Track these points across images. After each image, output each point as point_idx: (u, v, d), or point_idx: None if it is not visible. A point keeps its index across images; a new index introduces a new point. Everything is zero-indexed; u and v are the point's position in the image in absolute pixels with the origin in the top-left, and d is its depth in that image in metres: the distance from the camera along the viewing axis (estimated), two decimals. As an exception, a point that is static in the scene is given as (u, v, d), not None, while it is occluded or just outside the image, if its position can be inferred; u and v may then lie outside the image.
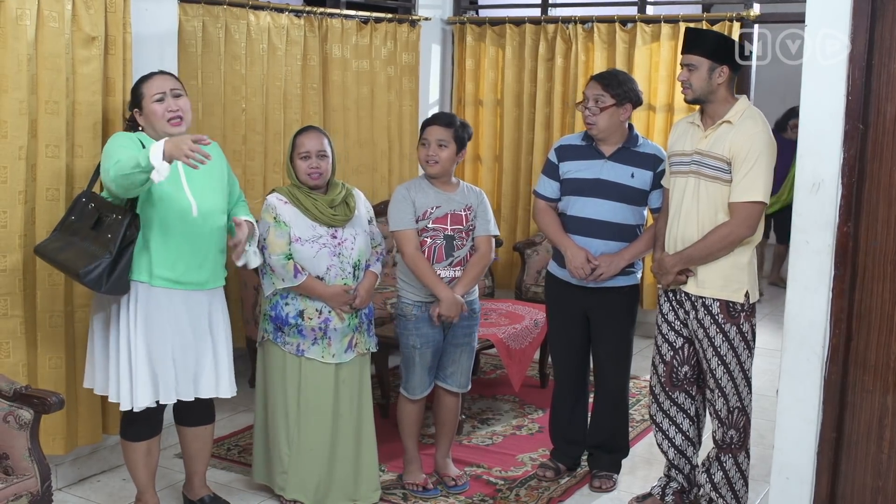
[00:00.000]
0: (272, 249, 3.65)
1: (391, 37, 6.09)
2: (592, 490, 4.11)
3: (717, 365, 3.54)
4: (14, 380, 3.25)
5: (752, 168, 3.37)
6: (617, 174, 3.88)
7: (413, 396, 3.99)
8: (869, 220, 2.99)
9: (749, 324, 3.53)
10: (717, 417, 3.60)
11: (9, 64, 3.50)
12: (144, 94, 3.44)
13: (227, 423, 4.75)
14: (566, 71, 6.32)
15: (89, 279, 3.23)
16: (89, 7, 3.74)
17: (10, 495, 2.99)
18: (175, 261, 3.40)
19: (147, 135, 3.46)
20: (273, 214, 3.69)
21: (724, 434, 3.60)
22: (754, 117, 3.45)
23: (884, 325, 3.00)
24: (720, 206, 3.45)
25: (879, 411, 3.04)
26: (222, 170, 3.62)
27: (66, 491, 3.99)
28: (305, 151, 3.70)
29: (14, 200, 3.57)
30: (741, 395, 3.56)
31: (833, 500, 3.15)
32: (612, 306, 3.99)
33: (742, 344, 3.52)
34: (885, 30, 2.90)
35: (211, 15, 4.88)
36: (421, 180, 3.93)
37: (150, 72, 3.53)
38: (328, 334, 3.72)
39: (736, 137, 3.40)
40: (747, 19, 5.73)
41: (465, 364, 4.04)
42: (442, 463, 4.16)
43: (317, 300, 3.69)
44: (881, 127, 2.94)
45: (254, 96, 5.15)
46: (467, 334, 3.99)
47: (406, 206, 3.85)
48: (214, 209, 3.50)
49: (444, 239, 3.86)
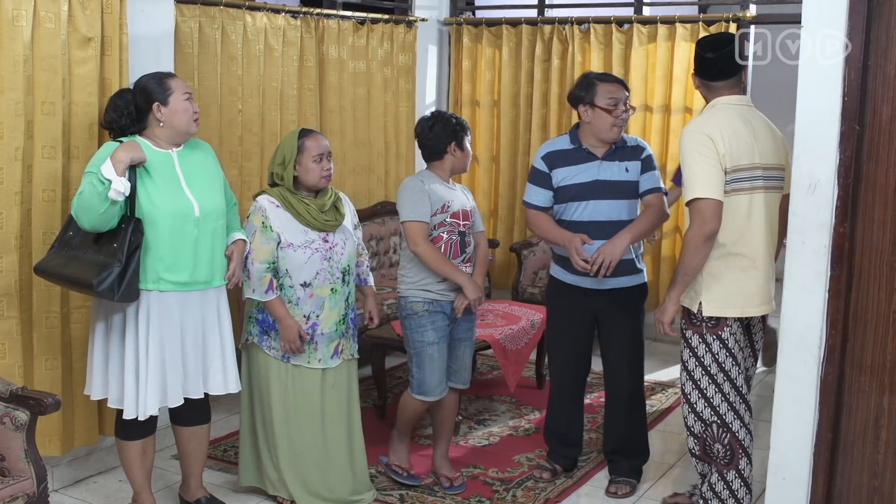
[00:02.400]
0: (255, 255, 3.60)
1: (388, 38, 6.09)
2: (608, 496, 4.06)
3: (682, 371, 3.54)
4: (10, 381, 3.25)
5: (684, 166, 3.36)
6: (612, 172, 3.88)
7: (430, 398, 3.93)
8: (865, 220, 2.99)
9: (715, 336, 3.43)
10: (690, 432, 3.57)
11: (5, 65, 3.50)
12: (175, 90, 3.42)
13: (223, 425, 4.75)
14: (563, 72, 6.31)
15: (103, 289, 3.22)
16: (85, 8, 3.73)
17: (6, 497, 2.99)
18: (182, 263, 3.40)
19: (146, 138, 3.43)
20: (262, 218, 3.63)
21: (704, 446, 3.53)
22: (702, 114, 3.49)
23: (880, 325, 3.01)
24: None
25: (876, 412, 3.04)
26: (217, 169, 3.62)
27: (63, 492, 3.98)
28: (319, 154, 3.67)
29: (10, 202, 3.57)
30: (716, 409, 3.47)
31: (829, 500, 3.15)
32: (623, 307, 3.97)
33: (708, 356, 3.45)
34: (882, 30, 2.90)
35: (207, 16, 4.88)
36: (431, 174, 3.92)
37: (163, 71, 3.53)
38: (315, 339, 3.71)
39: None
40: (743, 20, 5.73)
41: (467, 360, 4.07)
42: (440, 463, 4.16)
43: (304, 306, 3.68)
44: (877, 127, 2.94)
45: (250, 97, 5.15)
46: (469, 329, 4.03)
47: (423, 198, 3.82)
48: (214, 208, 3.49)
49: (458, 235, 3.88)
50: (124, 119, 3.46)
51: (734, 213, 3.34)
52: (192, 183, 3.44)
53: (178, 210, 3.38)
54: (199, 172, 3.48)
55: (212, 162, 3.60)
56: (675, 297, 3.45)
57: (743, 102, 3.48)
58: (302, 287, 3.65)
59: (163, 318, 3.40)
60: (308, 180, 3.68)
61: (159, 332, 3.39)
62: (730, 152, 3.32)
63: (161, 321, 3.40)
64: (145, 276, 3.36)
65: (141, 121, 3.45)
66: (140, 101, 3.43)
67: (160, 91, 3.40)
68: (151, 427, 3.57)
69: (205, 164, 3.55)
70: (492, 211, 6.72)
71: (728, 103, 3.44)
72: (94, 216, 3.23)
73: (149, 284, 3.37)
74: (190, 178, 3.44)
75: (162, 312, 3.39)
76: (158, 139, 3.44)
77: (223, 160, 4.99)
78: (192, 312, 3.46)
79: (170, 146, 3.46)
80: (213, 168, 3.59)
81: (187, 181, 3.43)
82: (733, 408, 3.48)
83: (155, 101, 3.40)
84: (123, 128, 3.46)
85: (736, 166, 3.33)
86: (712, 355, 3.45)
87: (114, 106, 3.48)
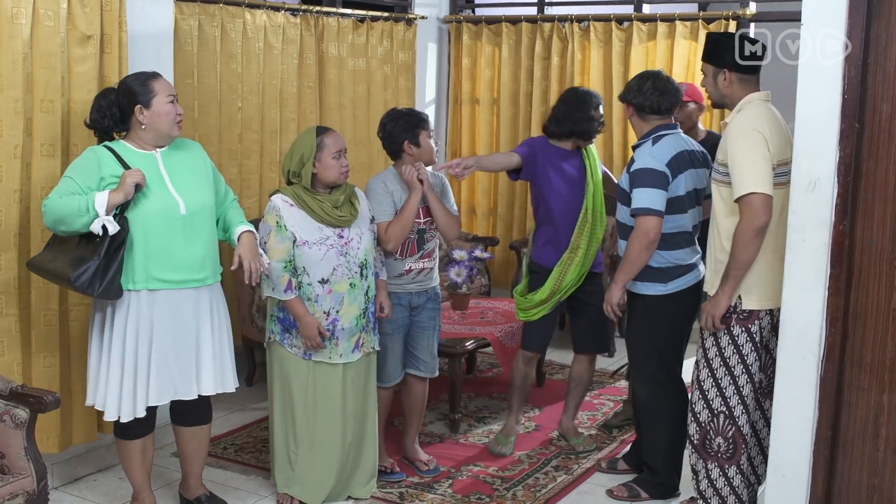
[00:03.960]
0: (271, 255, 3.62)
1: (387, 35, 6.09)
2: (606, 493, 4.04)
3: (701, 357, 3.51)
4: (10, 379, 3.25)
5: (734, 166, 3.31)
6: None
7: (387, 385, 4.06)
8: (865, 218, 2.99)
9: (744, 328, 3.42)
10: (694, 419, 3.55)
11: (4, 62, 3.49)
12: (158, 92, 3.38)
13: (223, 422, 4.74)
14: (562, 70, 6.31)
15: (80, 283, 3.21)
16: (85, 6, 3.73)
17: (6, 494, 2.99)
18: (170, 261, 3.38)
19: (129, 141, 3.41)
20: (276, 218, 3.65)
21: (704, 438, 3.52)
22: (744, 113, 3.40)
23: (880, 323, 3.00)
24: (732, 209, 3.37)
25: (875, 409, 3.04)
26: (206, 167, 3.58)
27: (63, 490, 3.98)
28: (338, 151, 3.70)
29: (9, 199, 3.57)
30: (727, 400, 3.47)
31: (829, 497, 3.15)
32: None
33: (731, 347, 3.43)
34: (881, 28, 2.90)
35: (207, 13, 4.88)
36: (393, 174, 4.01)
37: (148, 71, 3.49)
38: (336, 334, 3.72)
39: (724, 140, 3.39)
40: (743, 18, 5.73)
41: (432, 349, 4.14)
42: (411, 448, 4.26)
43: (323, 302, 3.69)
44: (877, 125, 2.94)
45: (250, 95, 5.14)
46: (432, 317, 4.12)
47: (387, 199, 3.93)
48: (203, 206, 3.47)
49: (416, 233, 3.96)
50: (107, 120, 3.42)
51: (774, 207, 3.33)
52: (178, 182, 3.42)
53: (162, 209, 3.36)
54: (184, 171, 3.45)
55: (199, 160, 3.57)
56: (728, 291, 3.38)
57: (770, 99, 3.47)
58: (320, 284, 3.67)
59: (154, 317, 3.38)
60: (327, 177, 3.70)
61: (149, 332, 3.37)
62: (776, 148, 3.31)
63: (152, 321, 3.38)
64: (133, 275, 3.34)
65: (124, 122, 3.42)
66: (123, 103, 3.39)
67: (143, 93, 3.36)
68: (151, 426, 3.56)
69: (191, 163, 3.52)
70: (491, 209, 6.73)
71: (762, 99, 3.43)
72: (63, 227, 3.26)
73: (138, 284, 3.35)
74: (175, 178, 3.42)
75: (153, 312, 3.37)
76: (141, 141, 3.41)
77: (223, 158, 5.00)
78: (185, 311, 3.44)
79: (153, 147, 3.43)
80: (201, 166, 3.56)
81: (172, 180, 3.40)
82: (744, 402, 3.46)
83: (137, 104, 3.36)
84: (107, 129, 3.44)
85: (780, 161, 3.32)
86: (735, 347, 3.44)
87: (97, 106, 3.44)
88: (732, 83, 3.44)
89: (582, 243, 4.20)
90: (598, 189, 4.24)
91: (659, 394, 3.88)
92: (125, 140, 3.43)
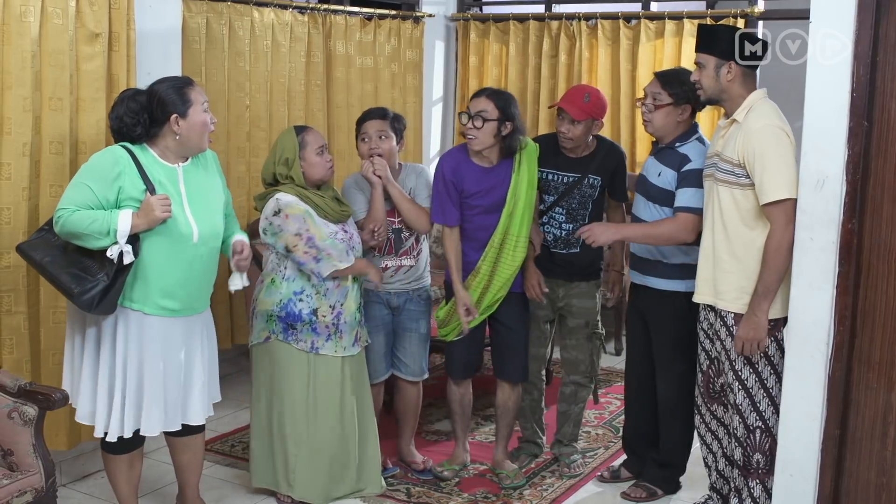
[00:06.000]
0: (320, 236, 3.62)
1: (395, 33, 6.09)
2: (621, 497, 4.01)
3: (733, 380, 3.36)
4: (18, 376, 3.25)
5: (764, 168, 3.16)
6: (650, 171, 3.79)
7: (372, 381, 4.03)
8: (873, 217, 2.99)
9: (772, 337, 3.29)
10: (734, 438, 3.41)
11: (13, 60, 3.50)
12: (195, 102, 3.23)
13: (230, 420, 4.75)
14: (570, 68, 6.30)
15: (83, 301, 3.10)
16: (93, 4, 3.74)
17: (14, 491, 3.00)
18: (174, 290, 3.26)
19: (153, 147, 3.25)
20: (300, 206, 3.62)
21: (745, 457, 3.39)
22: (758, 111, 3.25)
23: (888, 322, 3.00)
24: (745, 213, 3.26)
25: (883, 408, 3.04)
26: (220, 184, 3.47)
27: (71, 487, 3.99)
28: (320, 147, 3.77)
29: (18, 197, 3.57)
30: (762, 414, 3.34)
31: (836, 496, 3.15)
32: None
33: (763, 360, 3.32)
34: (891, 26, 2.89)
35: (215, 11, 4.88)
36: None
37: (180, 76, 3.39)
38: (340, 328, 3.74)
39: (742, 139, 3.22)
40: (751, 16, 5.71)
41: (416, 351, 4.12)
42: (406, 451, 4.26)
43: (331, 297, 3.70)
44: (886, 124, 2.93)
45: (258, 93, 5.15)
46: (415, 319, 4.09)
47: (360, 196, 3.97)
48: (213, 233, 3.36)
49: (392, 233, 3.98)
50: (140, 128, 3.22)
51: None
52: (194, 203, 3.28)
53: (177, 234, 3.22)
54: (201, 191, 3.32)
55: (215, 177, 3.43)
56: (766, 308, 3.22)
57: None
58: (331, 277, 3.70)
59: (144, 341, 3.24)
60: (314, 174, 3.71)
61: (138, 356, 3.24)
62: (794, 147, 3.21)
63: (142, 344, 3.24)
64: (132, 294, 3.20)
65: (153, 129, 3.24)
66: (157, 112, 3.20)
67: (180, 103, 3.20)
68: (139, 440, 3.41)
69: (208, 182, 3.38)
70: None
71: (766, 96, 3.31)
72: (77, 242, 3.13)
73: (134, 304, 3.21)
74: (192, 198, 3.28)
75: (143, 335, 3.24)
76: (168, 150, 3.26)
77: (231, 156, 5.01)
78: (174, 341, 3.30)
79: (177, 160, 3.29)
80: (217, 185, 3.43)
81: (190, 201, 3.27)
82: (777, 412, 3.31)
83: (174, 114, 3.20)
84: (138, 136, 3.24)
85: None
86: (767, 359, 3.32)
87: (129, 111, 3.21)
88: (737, 77, 3.30)
89: (484, 267, 3.88)
90: (519, 209, 3.84)
91: (684, 391, 3.80)
92: (149, 145, 3.27)
